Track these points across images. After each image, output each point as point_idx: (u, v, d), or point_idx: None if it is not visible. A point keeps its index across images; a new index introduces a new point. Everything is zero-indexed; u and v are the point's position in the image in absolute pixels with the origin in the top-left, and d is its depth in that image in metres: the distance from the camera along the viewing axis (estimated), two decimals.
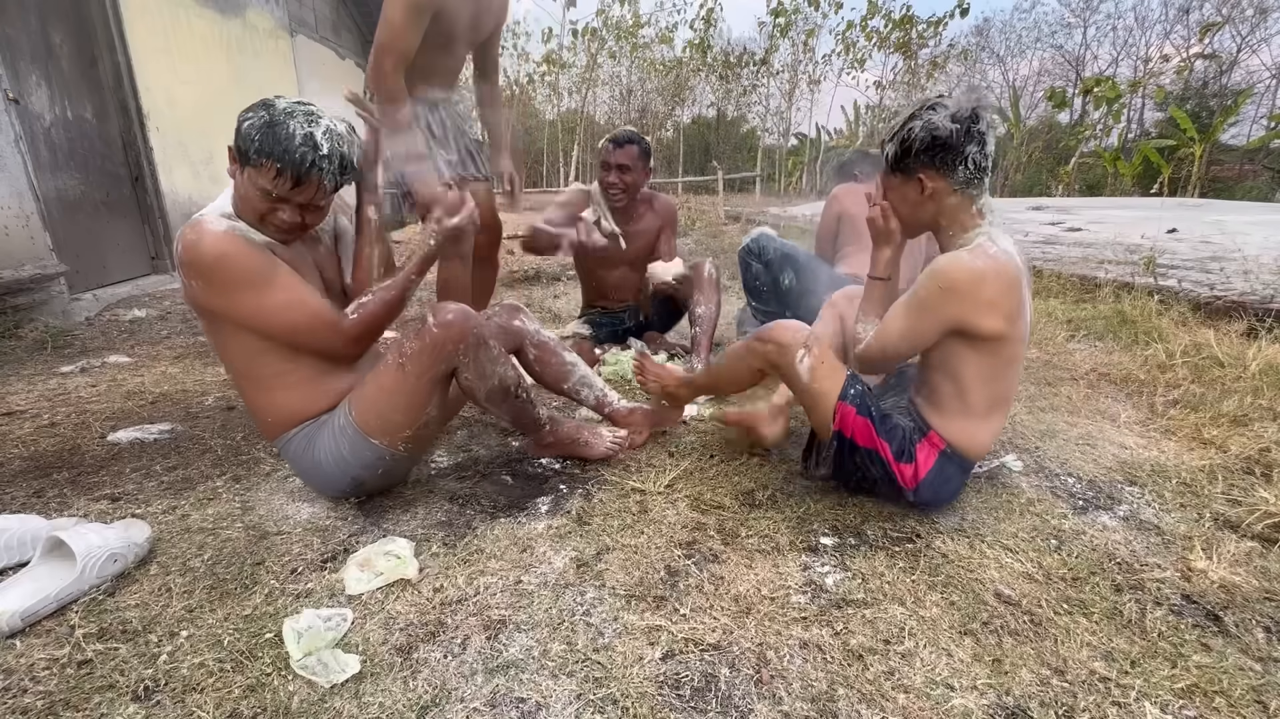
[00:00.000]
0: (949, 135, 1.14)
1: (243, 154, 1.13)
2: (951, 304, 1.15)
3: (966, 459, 1.29)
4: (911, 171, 1.20)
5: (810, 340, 1.31)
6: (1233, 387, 2.00)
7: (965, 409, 1.25)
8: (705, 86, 18.77)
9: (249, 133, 1.11)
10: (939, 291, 1.16)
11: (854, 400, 1.28)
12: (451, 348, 1.25)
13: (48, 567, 1.05)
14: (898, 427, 1.29)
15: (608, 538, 1.25)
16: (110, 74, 3.77)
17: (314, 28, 6.39)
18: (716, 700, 0.87)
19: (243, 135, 1.11)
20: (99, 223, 3.64)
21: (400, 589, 1.09)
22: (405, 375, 1.24)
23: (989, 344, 1.18)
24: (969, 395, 1.24)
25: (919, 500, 1.31)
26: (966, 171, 1.16)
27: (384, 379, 1.26)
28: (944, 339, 1.21)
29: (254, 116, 1.12)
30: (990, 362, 1.21)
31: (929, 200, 1.21)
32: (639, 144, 2.25)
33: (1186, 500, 1.40)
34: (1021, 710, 0.85)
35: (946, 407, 1.27)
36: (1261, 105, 15.77)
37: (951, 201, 1.20)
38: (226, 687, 0.88)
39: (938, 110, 1.15)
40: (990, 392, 1.24)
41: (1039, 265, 4.10)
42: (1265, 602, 1.06)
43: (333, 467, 1.28)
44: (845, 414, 1.28)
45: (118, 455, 1.62)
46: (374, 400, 1.26)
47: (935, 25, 14.42)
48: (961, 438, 1.26)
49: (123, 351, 2.61)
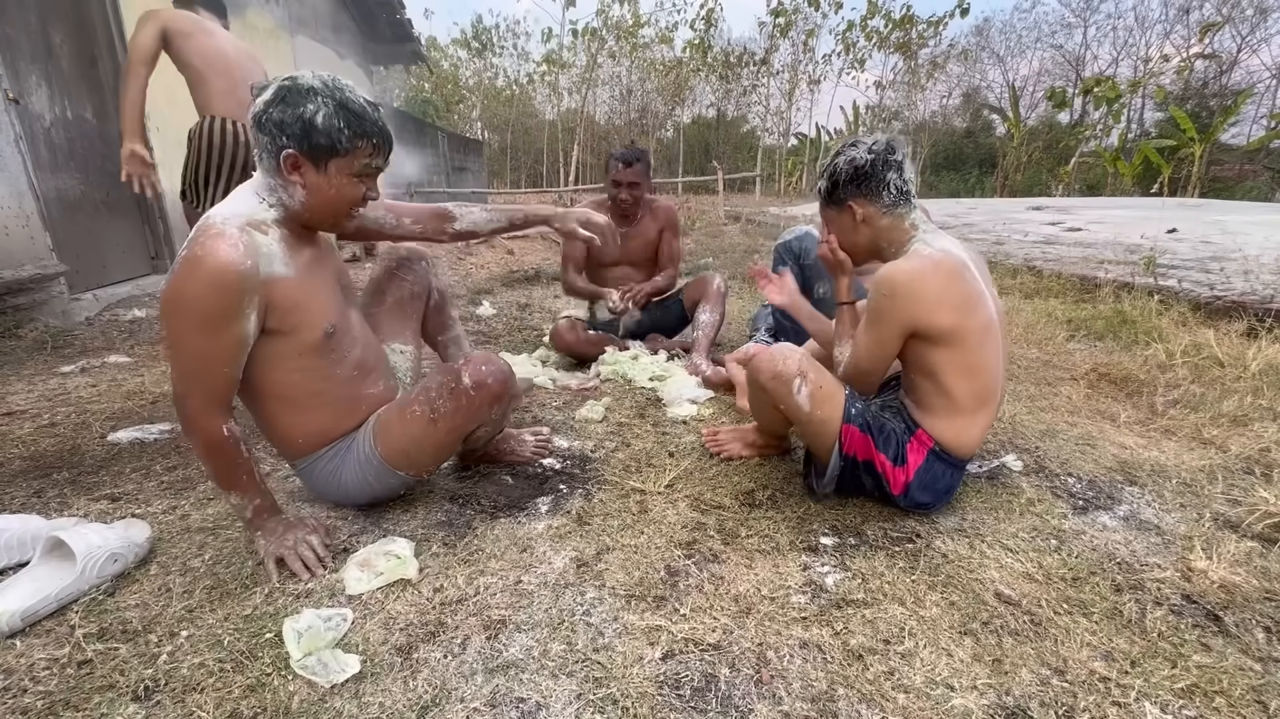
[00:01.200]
0: (868, 165, 1.27)
1: (326, 149, 1.04)
2: (900, 308, 1.20)
3: (956, 457, 1.29)
4: (842, 202, 1.32)
5: (803, 365, 1.29)
6: (1233, 387, 2.00)
7: (951, 406, 1.26)
8: (705, 86, 18.78)
9: (330, 125, 1.03)
10: (885, 299, 1.21)
11: (856, 420, 1.28)
12: (485, 410, 1.26)
13: (48, 567, 1.05)
14: (891, 433, 1.29)
15: (608, 538, 1.25)
16: (110, 74, 3.77)
17: (314, 28, 6.39)
18: (716, 700, 0.87)
19: (322, 131, 1.03)
20: (99, 223, 3.64)
21: (400, 589, 1.09)
22: (435, 429, 1.23)
23: (950, 339, 1.22)
24: (952, 392, 1.25)
25: (909, 503, 1.31)
26: (890, 195, 1.28)
27: (413, 428, 1.23)
28: (910, 343, 1.25)
29: (315, 109, 1.02)
30: (960, 356, 1.23)
31: (863, 225, 1.32)
32: (644, 160, 2.42)
33: (1186, 500, 1.40)
34: (1021, 710, 0.85)
35: (931, 405, 1.28)
36: (1261, 105, 15.78)
37: (884, 223, 1.30)
38: (226, 687, 0.88)
39: (858, 146, 1.29)
40: (971, 387, 1.25)
41: (1039, 265, 4.10)
42: (1265, 602, 1.06)
43: (356, 488, 1.28)
44: (850, 435, 1.29)
45: (118, 455, 1.62)
46: (401, 444, 1.24)
47: (935, 25, 14.44)
48: (949, 435, 1.27)
49: (123, 352, 2.61)
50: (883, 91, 16.13)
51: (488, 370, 1.23)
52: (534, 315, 3.43)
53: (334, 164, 1.07)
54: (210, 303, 0.99)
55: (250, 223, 1.06)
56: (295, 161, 1.06)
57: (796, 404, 1.28)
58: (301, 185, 1.08)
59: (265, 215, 1.09)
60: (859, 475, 1.31)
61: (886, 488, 1.29)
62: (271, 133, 1.04)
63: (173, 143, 4.15)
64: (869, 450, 1.28)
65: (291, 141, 1.04)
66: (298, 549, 1.13)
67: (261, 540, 1.14)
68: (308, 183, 1.08)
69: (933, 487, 1.30)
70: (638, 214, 2.51)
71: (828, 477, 1.32)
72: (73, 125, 3.45)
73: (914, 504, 1.32)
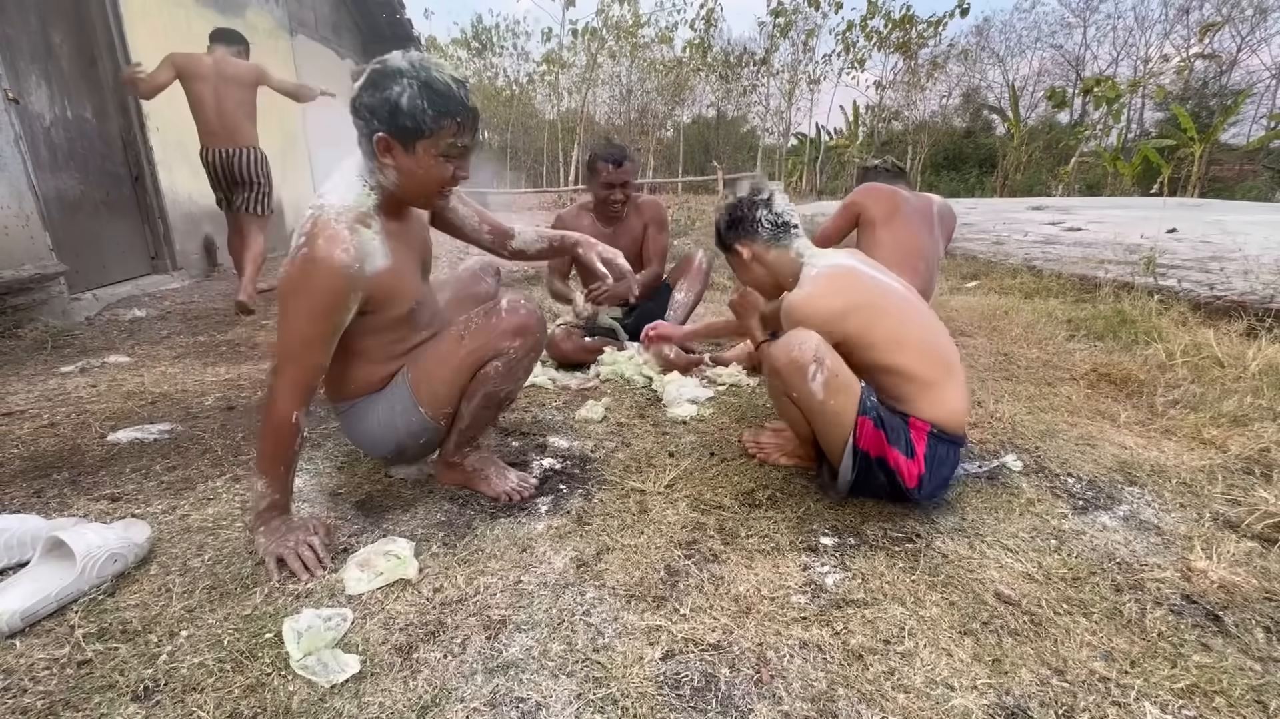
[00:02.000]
0: (739, 209, 1.47)
1: (412, 131, 1.07)
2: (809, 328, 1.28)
3: (952, 433, 1.30)
4: (730, 247, 1.50)
5: (820, 352, 1.24)
6: (1233, 387, 2.00)
7: (919, 385, 1.29)
8: (705, 86, 18.77)
9: (415, 106, 1.05)
10: (794, 322, 1.31)
11: (871, 413, 1.28)
12: (509, 340, 1.27)
13: (48, 567, 1.05)
14: (896, 427, 1.29)
15: (608, 538, 1.25)
16: (110, 74, 3.77)
17: (314, 28, 6.39)
18: (716, 700, 0.87)
19: (407, 113, 1.05)
20: (99, 223, 3.64)
21: (400, 589, 1.09)
22: (459, 347, 1.27)
23: (872, 332, 1.28)
24: (909, 371, 1.29)
25: (923, 496, 1.31)
26: (766, 230, 1.44)
27: (442, 345, 1.29)
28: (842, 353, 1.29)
29: (400, 90, 1.04)
30: (892, 341, 1.29)
31: (755, 264, 1.48)
32: (631, 158, 2.42)
33: (1186, 500, 1.40)
34: (1021, 710, 0.85)
35: (903, 393, 1.30)
36: (1261, 105, 15.77)
37: (771, 257, 1.46)
38: (226, 687, 0.88)
39: (729, 198, 1.49)
40: (922, 359, 1.29)
41: (1039, 265, 4.10)
42: (1265, 602, 1.06)
43: (382, 431, 1.32)
44: (865, 428, 1.28)
45: (118, 455, 1.62)
46: (428, 364, 1.28)
47: (935, 25, 14.41)
48: (936, 412, 1.29)
49: (123, 352, 2.61)
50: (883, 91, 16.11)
51: (524, 303, 1.30)
52: None
53: (420, 145, 1.09)
54: (319, 299, 1.09)
55: (358, 218, 1.12)
56: (386, 144, 1.09)
57: (810, 391, 1.25)
58: (394, 167, 1.12)
59: (368, 203, 1.15)
60: (873, 473, 1.30)
61: (901, 484, 1.28)
62: (365, 117, 1.08)
63: (172, 142, 4.16)
64: (882, 446, 1.27)
65: (381, 125, 1.07)
66: (298, 549, 1.13)
67: (262, 539, 1.15)
68: (399, 165, 1.12)
69: (939, 471, 1.30)
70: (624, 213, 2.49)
71: (841, 478, 1.32)
72: (73, 125, 3.46)
73: (927, 495, 1.32)
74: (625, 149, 2.41)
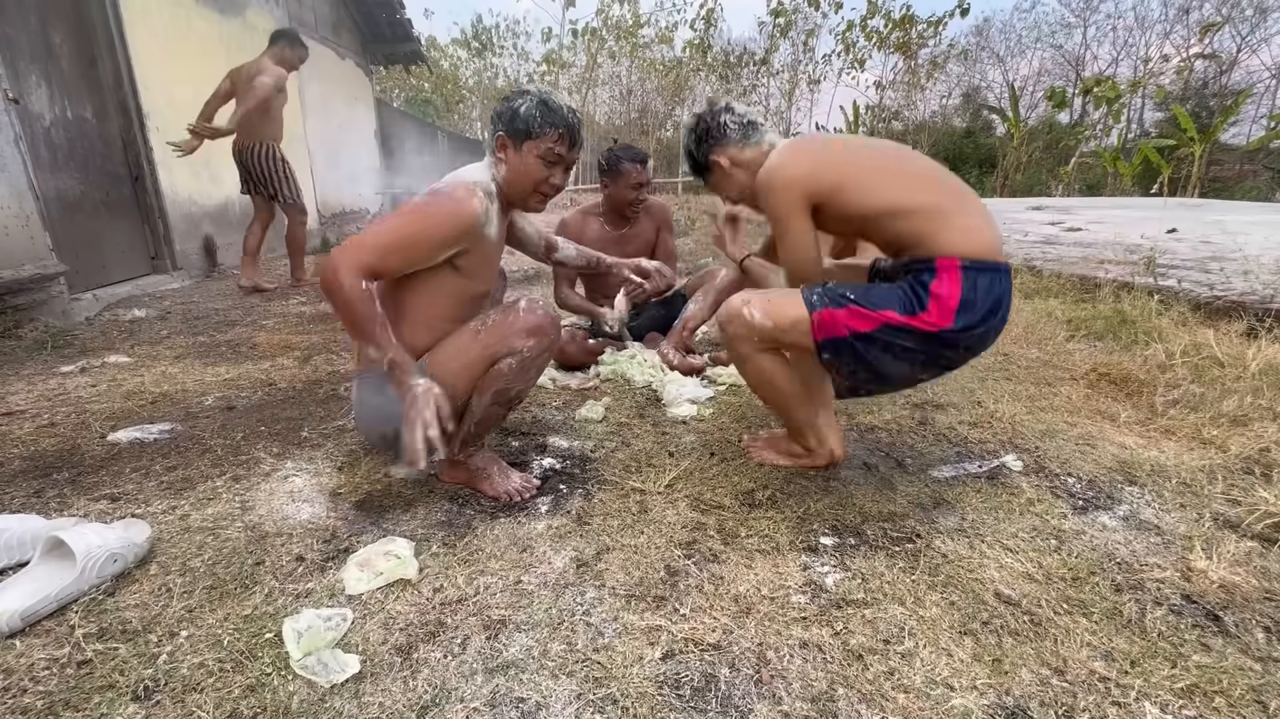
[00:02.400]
0: (705, 122, 1.45)
1: (523, 132, 1.30)
2: (788, 192, 1.28)
3: (985, 259, 1.20)
4: (707, 161, 1.47)
5: (744, 296, 1.33)
6: (1233, 387, 2.00)
7: (931, 215, 1.22)
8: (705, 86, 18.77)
9: (529, 114, 1.29)
10: (775, 195, 1.29)
11: (822, 301, 1.24)
12: (523, 339, 1.30)
13: (48, 567, 1.05)
14: (889, 292, 1.22)
15: (608, 538, 1.25)
16: (110, 74, 3.77)
17: (314, 28, 6.39)
18: (716, 700, 0.87)
19: (522, 118, 1.29)
20: (99, 223, 3.64)
21: (400, 589, 1.09)
22: (475, 340, 1.32)
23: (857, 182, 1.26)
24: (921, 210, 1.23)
25: (965, 331, 1.19)
26: (735, 130, 1.43)
27: (461, 338, 1.33)
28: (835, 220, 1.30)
29: (522, 103, 1.30)
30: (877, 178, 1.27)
31: (736, 169, 1.45)
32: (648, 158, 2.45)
33: (1186, 500, 1.40)
34: (1021, 710, 0.85)
35: (921, 234, 1.22)
36: (1261, 105, 15.77)
37: (748, 156, 1.43)
38: (226, 687, 0.88)
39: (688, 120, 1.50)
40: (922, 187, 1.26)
41: (1039, 265, 4.10)
42: (1265, 602, 1.06)
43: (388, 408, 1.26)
44: (823, 318, 1.24)
45: (118, 455, 1.62)
46: (444, 354, 1.32)
47: (935, 25, 14.41)
48: (962, 243, 1.20)
49: (123, 352, 2.61)
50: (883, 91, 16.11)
51: (541, 306, 1.35)
52: None
53: (527, 144, 1.31)
54: (436, 221, 1.26)
55: (485, 191, 1.33)
56: (502, 142, 1.33)
57: (759, 327, 1.28)
58: (504, 162, 1.35)
59: (490, 187, 1.36)
60: (890, 349, 1.21)
61: (930, 335, 1.18)
62: (494, 122, 1.35)
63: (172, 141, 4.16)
64: (865, 317, 1.21)
65: (501, 126, 1.33)
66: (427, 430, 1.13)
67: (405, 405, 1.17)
68: (509, 160, 1.34)
69: (983, 301, 1.19)
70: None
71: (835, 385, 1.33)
72: (73, 125, 3.46)
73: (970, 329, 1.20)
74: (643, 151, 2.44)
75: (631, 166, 2.38)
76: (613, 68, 17.67)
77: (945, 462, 1.59)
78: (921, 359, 1.25)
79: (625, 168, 2.38)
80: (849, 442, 1.70)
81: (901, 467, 1.56)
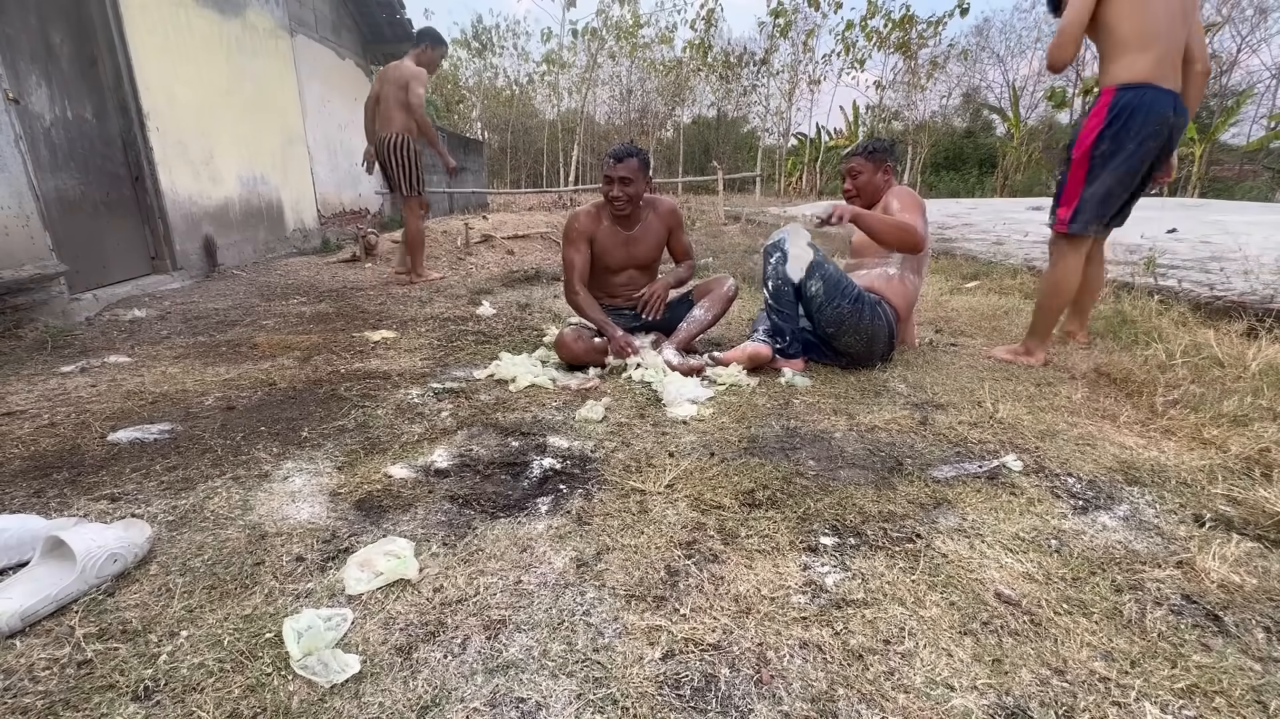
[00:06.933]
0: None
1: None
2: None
3: (1141, 82, 1.99)
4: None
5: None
6: (1233, 387, 2.00)
7: (1117, 46, 2.03)
8: (705, 86, 18.77)
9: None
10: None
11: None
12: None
13: (48, 567, 1.05)
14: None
15: (608, 538, 1.25)
16: (110, 74, 3.77)
17: (314, 28, 6.39)
18: (716, 700, 0.87)
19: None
20: (99, 223, 3.64)
21: (400, 589, 1.09)
22: None
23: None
24: (1116, 32, 2.02)
25: (1110, 133, 2.08)
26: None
27: None
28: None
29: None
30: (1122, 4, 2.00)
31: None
32: (638, 156, 2.38)
33: (1187, 500, 1.40)
34: (1021, 710, 0.85)
35: (1104, 49, 2.07)
36: (1261, 105, 15.75)
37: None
38: (226, 687, 0.88)
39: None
40: (1133, 26, 1.99)
41: (1039, 265, 4.09)
42: (1265, 602, 1.06)
43: None
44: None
45: (118, 455, 1.62)
46: None
47: (935, 25, 14.42)
48: (1123, 72, 2.03)
49: (123, 352, 2.61)
50: (883, 91, 16.11)
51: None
52: (534, 315, 3.43)
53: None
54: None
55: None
56: None
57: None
58: None
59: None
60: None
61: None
62: None
63: (171, 141, 4.16)
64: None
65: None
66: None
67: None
68: None
69: (1136, 115, 2.03)
70: (639, 214, 2.50)
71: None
72: (73, 125, 3.46)
73: (1118, 125, 2.07)
74: (637, 149, 2.40)
75: (605, 161, 2.38)
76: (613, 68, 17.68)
77: (945, 461, 1.59)
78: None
79: (603, 161, 2.41)
80: (849, 442, 1.70)
81: (901, 467, 1.56)
